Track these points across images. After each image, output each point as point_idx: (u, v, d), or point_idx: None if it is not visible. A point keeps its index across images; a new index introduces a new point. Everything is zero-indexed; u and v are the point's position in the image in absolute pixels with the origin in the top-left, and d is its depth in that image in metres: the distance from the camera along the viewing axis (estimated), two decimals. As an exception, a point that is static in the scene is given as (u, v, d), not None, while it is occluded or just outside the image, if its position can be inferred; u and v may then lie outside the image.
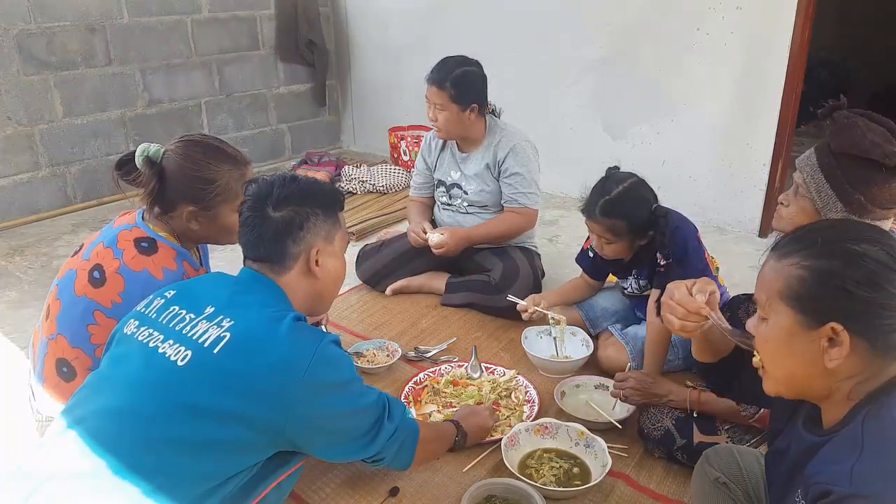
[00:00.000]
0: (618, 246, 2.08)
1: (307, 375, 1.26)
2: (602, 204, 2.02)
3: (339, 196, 1.52)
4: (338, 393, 1.33)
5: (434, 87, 2.60)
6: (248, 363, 1.24)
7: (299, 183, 1.44)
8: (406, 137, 4.63)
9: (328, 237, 1.45)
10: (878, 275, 0.97)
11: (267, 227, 1.39)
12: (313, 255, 1.42)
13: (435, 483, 1.81)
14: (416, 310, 2.77)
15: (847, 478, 0.91)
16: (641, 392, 1.90)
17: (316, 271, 1.43)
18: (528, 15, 4.05)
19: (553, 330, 2.36)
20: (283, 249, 1.40)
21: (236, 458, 1.26)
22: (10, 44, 3.61)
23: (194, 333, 1.29)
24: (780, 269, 1.04)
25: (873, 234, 1.01)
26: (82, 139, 4.00)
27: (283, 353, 1.26)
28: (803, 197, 1.54)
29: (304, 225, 1.40)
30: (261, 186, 1.42)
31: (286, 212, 1.39)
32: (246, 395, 1.23)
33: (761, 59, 3.30)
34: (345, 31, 5.16)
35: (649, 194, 2.07)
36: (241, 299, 1.36)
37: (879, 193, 1.44)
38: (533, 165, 2.68)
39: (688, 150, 3.65)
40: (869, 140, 1.43)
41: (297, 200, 1.40)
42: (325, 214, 1.44)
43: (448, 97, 2.59)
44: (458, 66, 2.62)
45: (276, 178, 1.44)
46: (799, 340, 1.02)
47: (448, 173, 2.82)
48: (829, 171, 1.48)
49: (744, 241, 3.51)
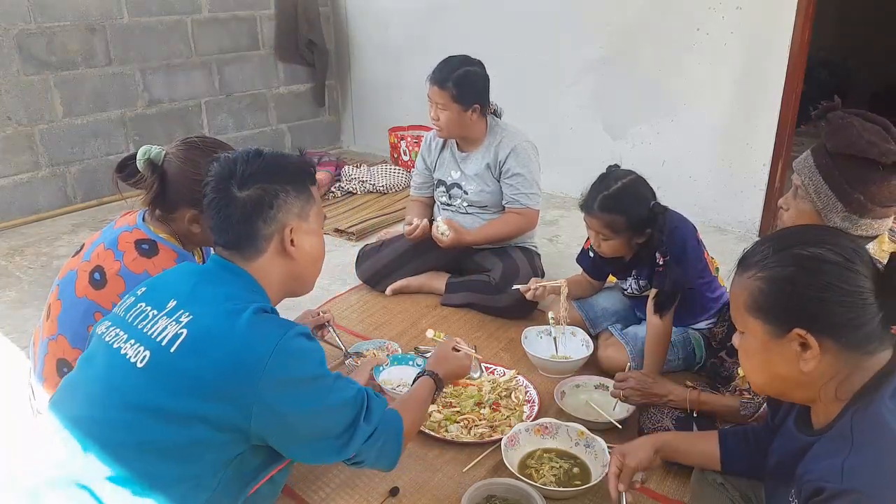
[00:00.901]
0: (615, 243, 2.08)
1: (267, 371, 1.18)
2: (601, 199, 2.02)
3: (310, 168, 1.42)
4: (303, 389, 1.23)
5: (436, 87, 2.60)
6: (203, 361, 1.18)
7: (264, 157, 1.34)
8: (406, 137, 4.63)
9: (302, 214, 1.36)
10: (831, 274, 1.00)
11: (233, 208, 1.29)
12: (287, 234, 1.33)
13: (435, 483, 1.82)
14: (416, 310, 2.77)
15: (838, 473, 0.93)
16: (641, 392, 1.90)
17: (292, 252, 1.34)
18: (528, 15, 4.05)
19: (553, 330, 2.37)
20: (253, 232, 1.31)
21: (208, 459, 1.21)
22: (10, 44, 3.61)
23: (154, 331, 1.23)
24: (742, 282, 1.08)
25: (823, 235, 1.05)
26: (82, 139, 4.00)
27: (239, 349, 1.18)
28: (802, 199, 1.54)
29: (273, 203, 1.31)
30: (223, 164, 1.32)
31: (253, 190, 1.29)
32: (205, 395, 1.17)
33: (761, 59, 3.30)
34: (345, 31, 5.16)
35: (648, 192, 2.07)
36: (202, 291, 1.28)
37: (878, 192, 1.44)
38: (534, 166, 2.69)
39: (688, 150, 3.65)
40: (865, 139, 1.44)
41: (264, 177, 1.31)
42: (297, 190, 1.35)
43: (450, 97, 2.58)
44: (460, 65, 2.62)
45: (239, 155, 1.34)
46: (773, 349, 1.05)
47: (448, 173, 2.82)
48: (826, 171, 1.49)
49: (744, 241, 3.50)
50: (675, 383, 1.92)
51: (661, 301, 2.05)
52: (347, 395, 1.31)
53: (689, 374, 2.26)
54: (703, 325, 2.26)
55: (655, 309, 2.07)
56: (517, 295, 2.55)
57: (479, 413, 2.05)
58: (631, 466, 1.44)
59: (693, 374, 2.27)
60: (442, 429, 1.99)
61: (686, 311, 2.20)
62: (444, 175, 2.84)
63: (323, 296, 2.89)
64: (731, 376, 2.00)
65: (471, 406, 2.07)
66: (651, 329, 2.11)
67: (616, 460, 1.46)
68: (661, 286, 2.06)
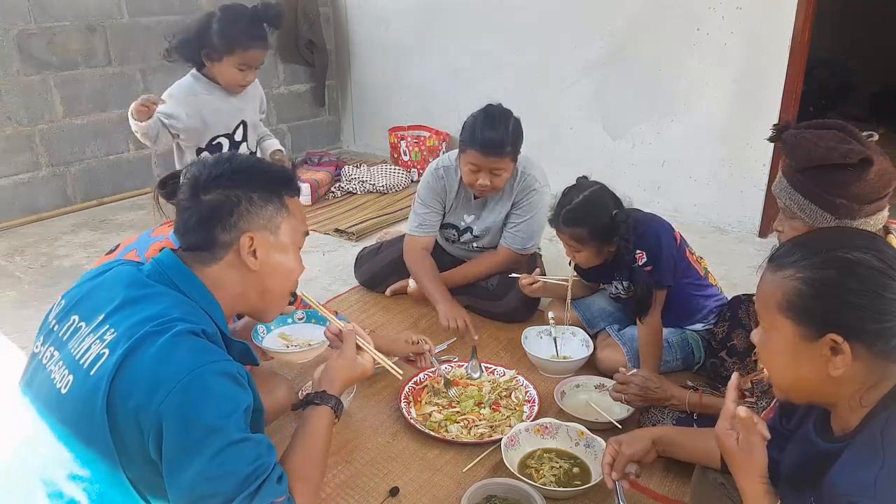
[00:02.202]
0: (587, 253, 2.13)
1: (164, 405, 1.03)
2: (563, 214, 2.09)
3: (287, 178, 1.31)
4: (192, 436, 1.04)
5: (494, 158, 2.33)
6: (113, 388, 1.05)
7: (234, 161, 1.26)
8: (406, 137, 4.63)
9: (269, 225, 1.25)
10: (873, 281, 0.97)
11: (194, 214, 1.23)
12: (245, 242, 1.23)
13: (435, 483, 1.82)
14: (416, 310, 2.77)
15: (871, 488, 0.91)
16: (644, 398, 1.90)
17: (251, 263, 1.24)
18: (528, 15, 4.05)
19: (553, 330, 2.37)
20: (210, 238, 1.22)
21: (144, 490, 1.09)
22: (10, 44, 3.61)
23: (79, 351, 1.13)
24: (776, 281, 1.05)
25: (865, 241, 1.02)
26: (82, 139, 3.99)
27: (145, 376, 1.05)
28: (792, 219, 1.54)
29: (234, 210, 1.22)
30: (197, 168, 1.26)
31: (216, 194, 1.22)
32: (114, 426, 1.05)
33: (761, 59, 3.30)
34: (345, 31, 5.16)
35: (610, 201, 2.10)
36: (132, 302, 1.16)
37: (860, 190, 1.44)
38: (544, 211, 2.57)
39: (688, 150, 3.65)
40: (822, 147, 1.44)
41: (229, 181, 1.23)
42: (265, 199, 1.25)
43: (510, 159, 2.38)
44: (505, 121, 2.36)
45: (212, 159, 1.27)
46: (801, 351, 1.03)
47: (461, 217, 2.67)
48: (802, 188, 1.49)
49: (744, 241, 3.50)
50: (677, 386, 1.92)
51: (638, 302, 2.09)
52: (238, 468, 1.06)
53: (688, 375, 2.26)
54: (699, 326, 2.26)
55: (634, 311, 2.09)
56: (515, 304, 2.56)
57: (479, 413, 2.05)
58: (626, 454, 1.43)
59: (692, 374, 2.27)
60: (442, 429, 1.99)
61: (677, 313, 2.21)
62: (457, 219, 2.68)
63: (324, 295, 2.89)
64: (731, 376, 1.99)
65: (471, 406, 2.08)
66: (640, 334, 2.13)
67: (611, 449, 1.46)
68: (642, 286, 2.08)
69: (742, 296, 2.15)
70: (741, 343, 2.06)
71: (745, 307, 2.09)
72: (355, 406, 2.12)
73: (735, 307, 2.14)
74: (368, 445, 1.97)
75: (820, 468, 1.03)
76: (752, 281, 1.19)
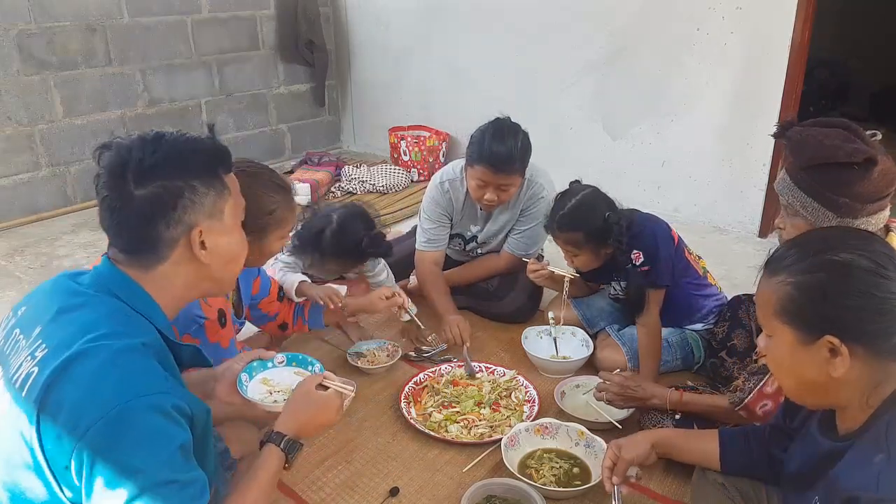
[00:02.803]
0: (584, 257, 2.13)
1: (86, 440, 0.94)
2: (558, 219, 2.10)
3: (222, 154, 1.18)
4: (113, 478, 0.95)
5: (502, 174, 2.30)
6: (42, 412, 0.98)
7: (165, 145, 1.11)
8: (406, 137, 4.63)
9: (214, 212, 1.14)
10: (865, 282, 0.98)
11: (129, 210, 1.08)
12: (196, 237, 1.12)
13: (435, 483, 1.82)
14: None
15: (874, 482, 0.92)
16: (623, 396, 1.88)
17: (202, 256, 1.14)
18: (528, 15, 4.05)
19: (553, 330, 2.37)
20: (153, 237, 1.10)
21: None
22: (10, 44, 3.61)
23: (13, 368, 1.05)
24: (771, 286, 1.06)
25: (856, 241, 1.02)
26: (82, 139, 3.99)
27: (70, 405, 0.97)
28: (794, 216, 1.54)
29: (178, 203, 1.09)
30: (116, 154, 1.09)
31: (152, 188, 1.08)
32: (45, 450, 0.97)
33: (761, 59, 3.30)
34: (345, 31, 5.16)
35: (603, 204, 2.10)
36: (66, 314, 1.07)
37: (863, 189, 1.44)
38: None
39: (688, 150, 3.65)
40: (828, 146, 1.44)
41: (166, 170, 1.09)
42: (206, 184, 1.13)
43: (518, 175, 2.37)
44: (514, 135, 2.31)
45: (135, 141, 1.10)
46: (801, 355, 1.04)
47: (467, 227, 2.66)
48: (806, 186, 1.49)
49: (744, 241, 3.50)
50: (658, 386, 1.90)
51: (632, 303, 2.10)
52: None
53: (688, 375, 2.26)
54: (699, 326, 2.26)
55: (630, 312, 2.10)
56: (515, 304, 2.56)
57: (479, 413, 2.05)
58: (626, 459, 1.43)
59: (692, 374, 2.27)
60: (442, 429, 1.99)
61: (676, 313, 2.21)
62: (464, 229, 2.66)
63: (323, 296, 2.89)
64: (732, 376, 1.99)
65: (471, 406, 2.08)
66: (639, 334, 2.13)
67: (611, 453, 1.46)
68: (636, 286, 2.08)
69: (742, 296, 2.15)
70: (741, 343, 2.06)
71: (745, 307, 2.10)
72: (355, 406, 2.12)
73: (735, 307, 2.14)
74: (368, 445, 1.97)
75: (824, 467, 1.04)
76: (752, 281, 1.19)
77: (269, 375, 1.54)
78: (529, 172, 2.48)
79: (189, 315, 1.62)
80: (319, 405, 1.35)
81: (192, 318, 1.63)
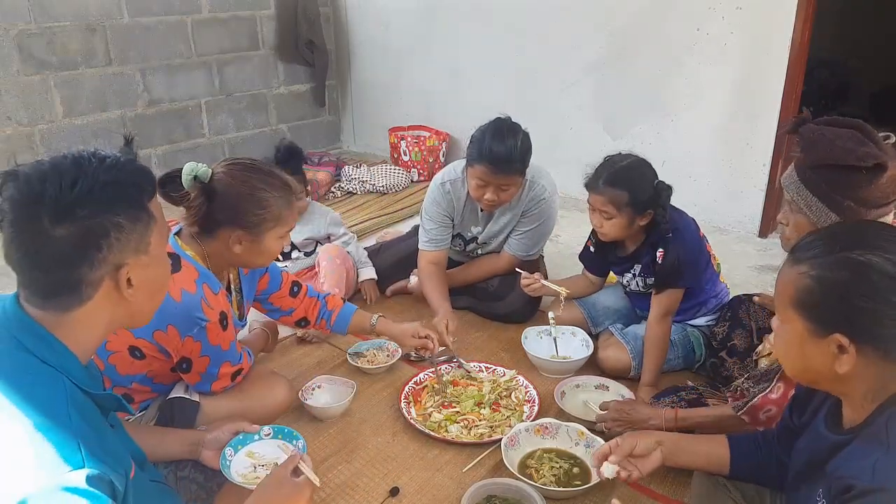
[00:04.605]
0: (618, 222, 2.07)
1: None
2: (606, 175, 2.05)
3: (145, 179, 1.07)
4: None
5: (502, 174, 2.30)
6: None
7: (84, 177, 0.97)
8: (406, 137, 4.62)
9: (140, 246, 1.03)
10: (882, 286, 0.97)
11: (46, 252, 0.95)
12: (123, 276, 1.01)
13: (435, 483, 1.82)
14: (416, 310, 2.76)
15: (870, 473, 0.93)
16: (621, 422, 1.86)
17: (129, 294, 1.03)
18: (528, 15, 4.05)
19: (553, 330, 2.37)
20: (74, 280, 0.98)
21: None
22: (10, 44, 3.61)
23: None
24: (792, 275, 1.06)
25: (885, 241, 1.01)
26: (82, 139, 3.99)
27: None
28: (797, 213, 1.54)
29: (103, 243, 0.98)
30: (26, 186, 0.95)
31: (74, 227, 0.95)
32: None
33: (761, 59, 3.30)
34: (345, 31, 5.16)
35: (651, 173, 2.09)
36: None
37: (868, 194, 1.44)
38: (552, 221, 2.59)
39: (688, 150, 3.65)
40: (840, 147, 1.43)
41: (88, 207, 0.96)
42: (132, 217, 1.01)
43: (518, 175, 2.36)
44: (514, 135, 2.30)
45: (48, 172, 0.96)
46: (809, 345, 1.04)
47: (468, 228, 2.65)
48: (812, 185, 1.48)
49: (744, 241, 3.50)
50: (652, 407, 1.89)
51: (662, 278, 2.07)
52: None
53: (689, 374, 2.26)
54: (701, 321, 2.26)
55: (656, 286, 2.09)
56: (516, 304, 2.56)
57: (479, 413, 2.05)
58: (628, 441, 1.41)
59: (693, 373, 2.27)
60: (442, 429, 2.00)
61: (686, 305, 2.20)
62: (465, 230, 2.66)
63: (323, 296, 2.89)
64: (732, 376, 2.00)
65: (471, 406, 2.08)
66: (649, 332, 2.12)
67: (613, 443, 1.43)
68: (661, 286, 2.07)
69: (742, 296, 2.15)
70: (741, 343, 2.06)
71: (745, 307, 2.10)
72: (355, 406, 2.12)
73: (735, 307, 2.14)
74: (368, 445, 1.97)
75: (827, 459, 1.04)
76: (752, 281, 1.19)
77: (255, 449, 1.55)
78: (531, 174, 2.47)
79: (190, 317, 1.61)
80: (290, 495, 1.30)
81: (193, 321, 1.62)
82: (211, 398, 1.76)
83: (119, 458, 1.00)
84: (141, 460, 1.18)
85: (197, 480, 1.56)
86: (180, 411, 1.72)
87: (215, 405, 1.77)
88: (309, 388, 2.13)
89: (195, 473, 1.56)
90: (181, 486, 1.54)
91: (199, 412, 1.74)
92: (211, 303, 1.64)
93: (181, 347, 1.63)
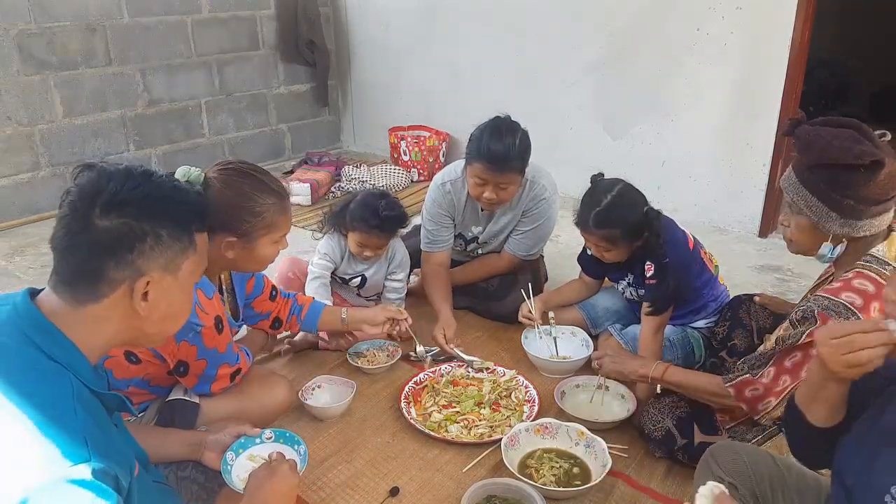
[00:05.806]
0: (617, 251, 2.10)
1: None
2: (594, 216, 2.03)
3: (201, 212, 1.13)
4: None
5: (500, 172, 2.27)
6: None
7: (150, 183, 1.04)
8: (406, 137, 4.63)
9: (170, 266, 1.06)
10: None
11: (84, 237, 1.00)
12: (140, 287, 1.03)
13: (435, 483, 1.82)
14: (416, 310, 2.75)
15: None
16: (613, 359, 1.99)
17: (141, 308, 1.04)
18: (528, 15, 4.05)
19: (553, 330, 2.37)
20: (97, 272, 1.01)
21: None
22: (10, 44, 3.61)
23: None
24: None
25: None
26: (82, 139, 4.00)
27: None
28: (798, 214, 1.54)
29: (136, 246, 1.01)
30: (96, 178, 1.03)
31: (116, 222, 1.00)
32: None
33: (761, 59, 3.30)
34: (345, 31, 5.16)
35: (639, 197, 2.08)
36: None
37: (868, 192, 1.44)
38: (553, 221, 2.59)
39: (688, 150, 3.65)
40: (836, 146, 1.43)
41: (138, 210, 1.02)
42: (174, 236, 1.05)
43: (517, 173, 2.33)
44: (512, 133, 2.29)
45: (119, 172, 1.03)
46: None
47: (469, 228, 2.63)
48: (811, 185, 1.49)
49: (744, 241, 3.50)
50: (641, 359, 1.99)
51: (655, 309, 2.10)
52: None
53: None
54: (701, 323, 2.26)
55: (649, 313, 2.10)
56: (516, 304, 2.55)
57: (479, 413, 2.05)
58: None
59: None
60: (442, 429, 2.00)
61: (684, 310, 2.21)
62: (465, 230, 2.64)
63: (323, 296, 2.89)
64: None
65: (471, 406, 2.08)
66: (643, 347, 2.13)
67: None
68: (651, 297, 2.08)
69: (742, 296, 2.15)
70: (741, 343, 2.05)
71: (745, 307, 2.09)
72: (355, 406, 2.12)
73: (735, 307, 2.13)
74: (368, 445, 1.97)
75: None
76: (752, 281, 1.19)
77: (257, 451, 1.53)
78: (531, 173, 2.46)
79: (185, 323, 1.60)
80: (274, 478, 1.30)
81: (188, 326, 1.60)
82: (211, 399, 1.76)
83: (124, 455, 1.01)
84: (144, 461, 1.19)
85: (198, 481, 1.56)
86: (180, 413, 1.72)
87: (215, 406, 1.77)
88: (309, 388, 2.13)
89: (196, 474, 1.56)
90: (182, 487, 1.54)
91: (199, 413, 1.74)
92: (205, 307, 1.63)
93: (177, 352, 1.63)
